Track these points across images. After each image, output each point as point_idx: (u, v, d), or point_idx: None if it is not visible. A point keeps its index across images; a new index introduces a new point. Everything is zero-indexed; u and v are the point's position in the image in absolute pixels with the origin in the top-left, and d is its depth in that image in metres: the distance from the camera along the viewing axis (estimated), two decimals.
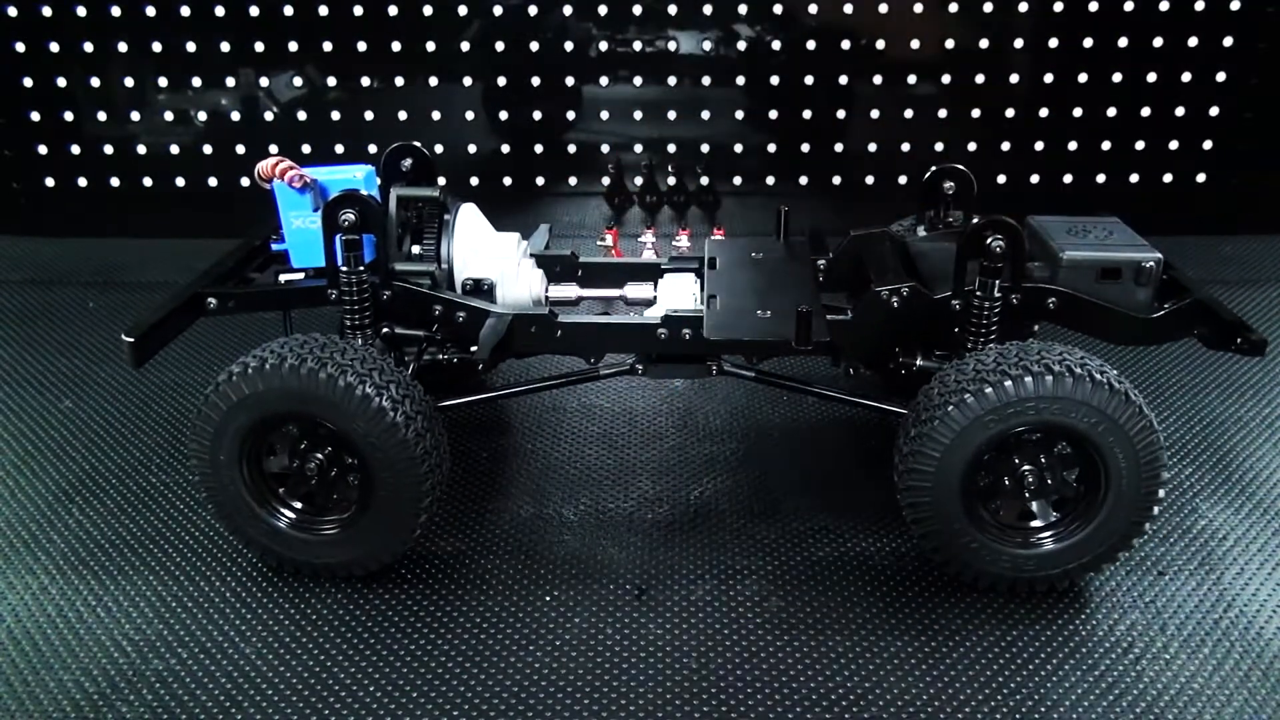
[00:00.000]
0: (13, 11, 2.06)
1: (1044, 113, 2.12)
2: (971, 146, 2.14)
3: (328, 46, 2.08)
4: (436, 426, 1.12)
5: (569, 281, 1.35)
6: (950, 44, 2.07)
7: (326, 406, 1.07)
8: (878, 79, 2.10)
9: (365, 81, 2.11)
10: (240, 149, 2.15)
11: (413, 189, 1.29)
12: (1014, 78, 2.09)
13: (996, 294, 1.14)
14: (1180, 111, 2.10)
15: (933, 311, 1.19)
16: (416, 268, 1.24)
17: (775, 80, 2.11)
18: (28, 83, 2.11)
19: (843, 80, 2.11)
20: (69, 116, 2.14)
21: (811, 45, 2.08)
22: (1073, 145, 2.14)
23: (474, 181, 2.17)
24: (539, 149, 2.17)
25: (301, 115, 2.14)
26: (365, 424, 1.07)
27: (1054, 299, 1.19)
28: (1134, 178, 2.15)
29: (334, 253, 1.18)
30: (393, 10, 2.05)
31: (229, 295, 1.25)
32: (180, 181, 2.16)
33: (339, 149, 2.14)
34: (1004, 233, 1.12)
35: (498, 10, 2.06)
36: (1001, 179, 2.15)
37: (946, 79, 2.09)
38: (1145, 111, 2.10)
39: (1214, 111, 2.10)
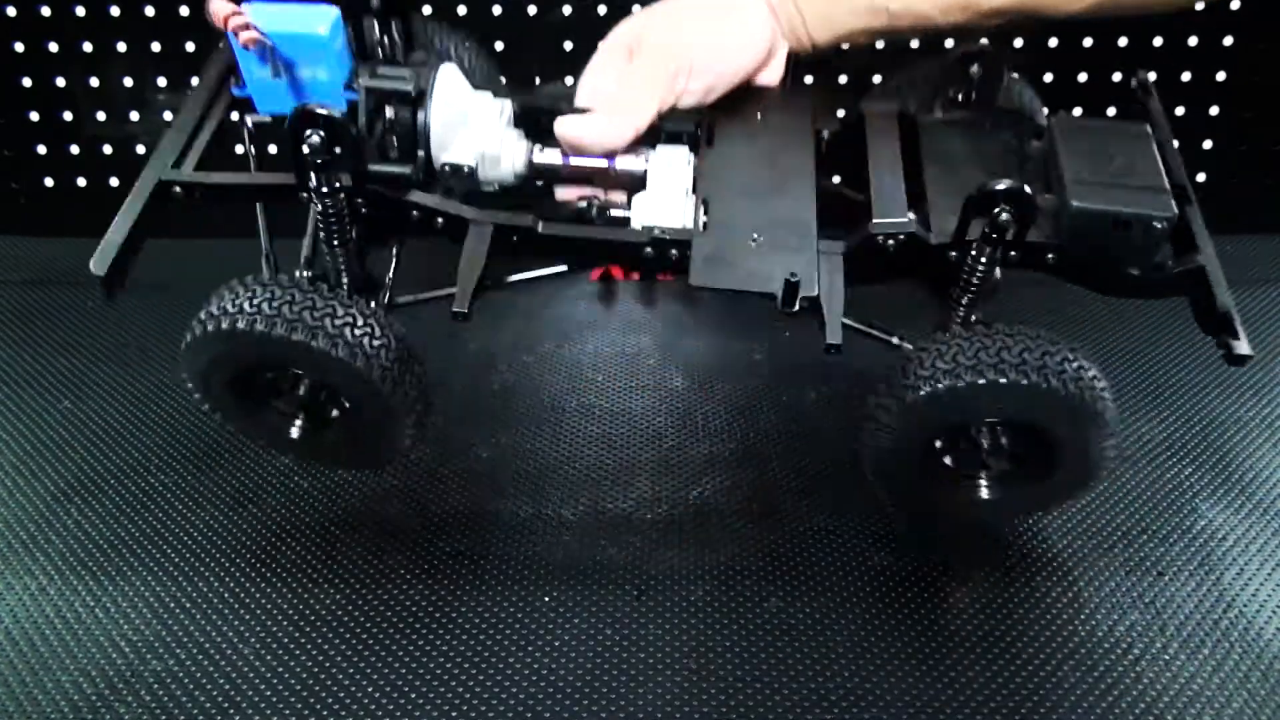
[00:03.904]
0: (12, 11, 2.06)
1: (1044, 112, 2.12)
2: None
3: None
4: (411, 366, 1.14)
5: (555, 146, 1.21)
6: (950, 43, 2.07)
7: (301, 364, 1.11)
8: (876, 79, 2.10)
9: None
10: (239, 149, 2.14)
11: (384, 79, 1.12)
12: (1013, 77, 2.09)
13: (994, 259, 1.10)
14: (1180, 111, 2.10)
15: (929, 255, 1.13)
16: (392, 170, 1.14)
17: None
18: (27, 83, 2.11)
19: (842, 80, 2.11)
20: (69, 116, 2.14)
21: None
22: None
23: None
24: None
25: None
26: (341, 377, 1.09)
27: (1053, 255, 1.12)
28: None
29: (302, 166, 1.11)
30: None
31: (194, 186, 1.19)
32: None
33: None
34: (1013, 202, 1.06)
35: (497, 10, 2.06)
36: None
37: None
38: None
39: (1214, 111, 2.10)
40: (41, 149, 2.15)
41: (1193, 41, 2.05)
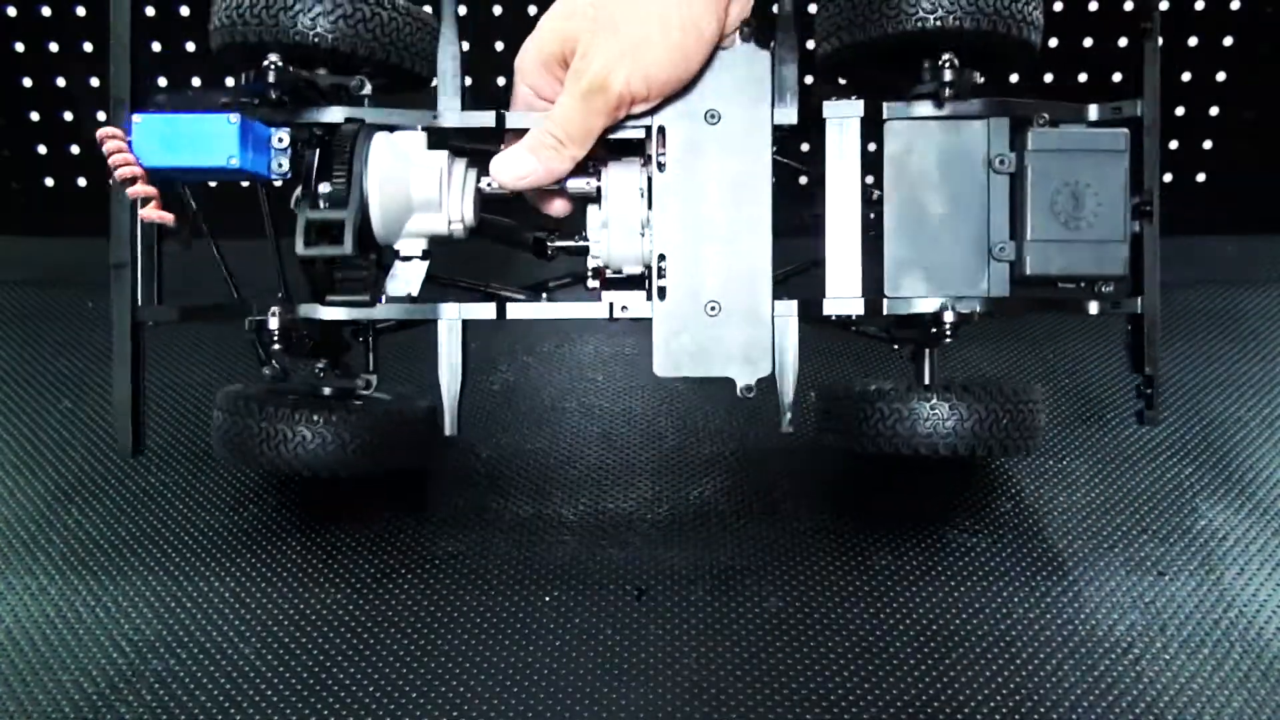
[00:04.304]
0: (12, 11, 2.06)
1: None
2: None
3: None
4: (396, 437, 1.23)
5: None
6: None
7: None
8: None
9: None
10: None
11: (318, 245, 1.10)
12: (1013, 77, 2.09)
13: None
14: (1180, 111, 2.10)
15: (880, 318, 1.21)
16: (350, 299, 1.14)
17: None
18: (27, 83, 2.11)
19: (841, 81, 2.11)
20: (69, 116, 2.14)
21: (810, 44, 2.08)
22: None
23: None
24: None
25: None
26: None
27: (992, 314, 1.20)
28: None
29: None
30: None
31: (164, 319, 1.24)
32: None
33: None
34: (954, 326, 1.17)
35: (497, 10, 2.06)
36: None
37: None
38: None
39: (1214, 111, 2.10)
40: (41, 149, 2.15)
41: (1193, 41, 2.06)
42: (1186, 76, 2.07)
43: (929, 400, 1.19)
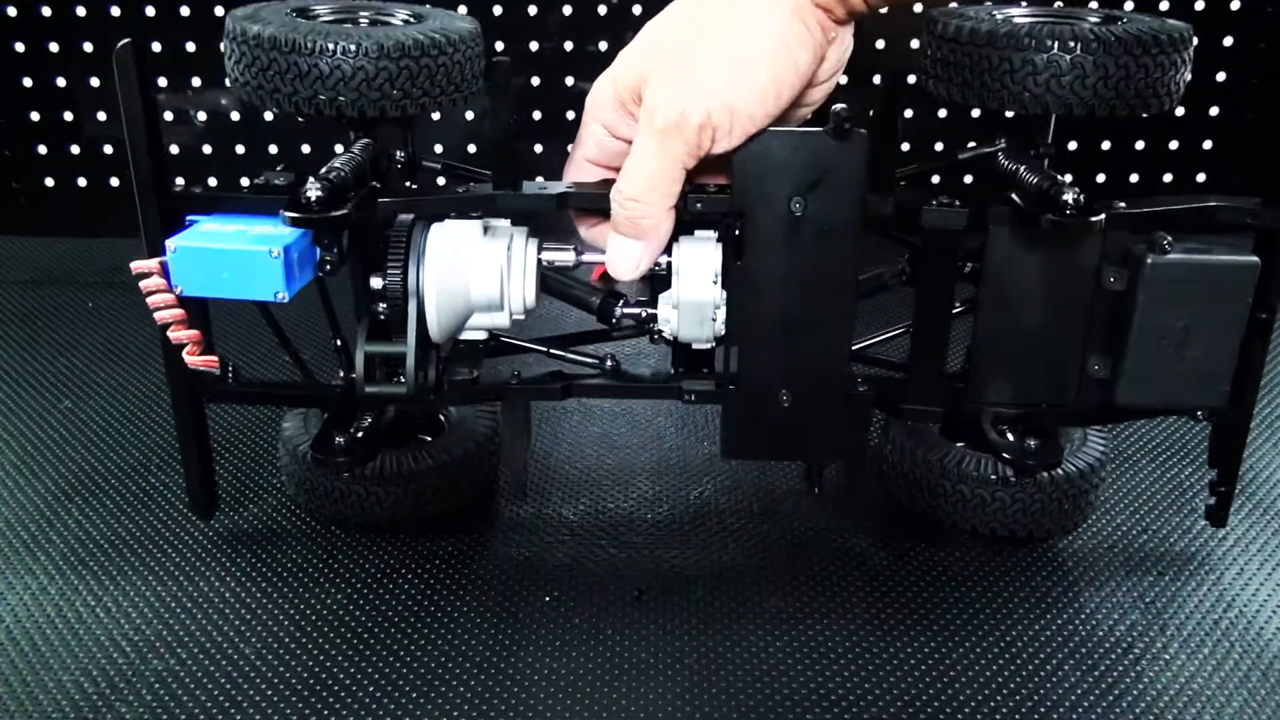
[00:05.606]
0: (12, 11, 2.06)
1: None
2: (970, 145, 2.14)
3: None
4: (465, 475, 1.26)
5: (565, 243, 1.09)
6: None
7: None
8: (876, 79, 2.10)
9: None
10: (240, 149, 2.15)
11: (382, 344, 1.05)
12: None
13: None
14: (1180, 111, 2.10)
15: None
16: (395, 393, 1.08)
17: None
18: (28, 83, 2.11)
19: (841, 79, 2.11)
20: (69, 116, 2.14)
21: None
22: (1073, 145, 2.14)
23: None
24: (539, 149, 2.17)
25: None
26: None
27: None
28: (1134, 177, 2.15)
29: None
30: None
31: (226, 392, 1.18)
32: (180, 181, 2.16)
33: (338, 148, 2.14)
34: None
35: (497, 10, 2.06)
36: None
37: None
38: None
39: (1214, 111, 2.10)
40: (42, 149, 2.15)
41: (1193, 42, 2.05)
42: (1186, 77, 2.07)
43: (1008, 492, 1.17)
